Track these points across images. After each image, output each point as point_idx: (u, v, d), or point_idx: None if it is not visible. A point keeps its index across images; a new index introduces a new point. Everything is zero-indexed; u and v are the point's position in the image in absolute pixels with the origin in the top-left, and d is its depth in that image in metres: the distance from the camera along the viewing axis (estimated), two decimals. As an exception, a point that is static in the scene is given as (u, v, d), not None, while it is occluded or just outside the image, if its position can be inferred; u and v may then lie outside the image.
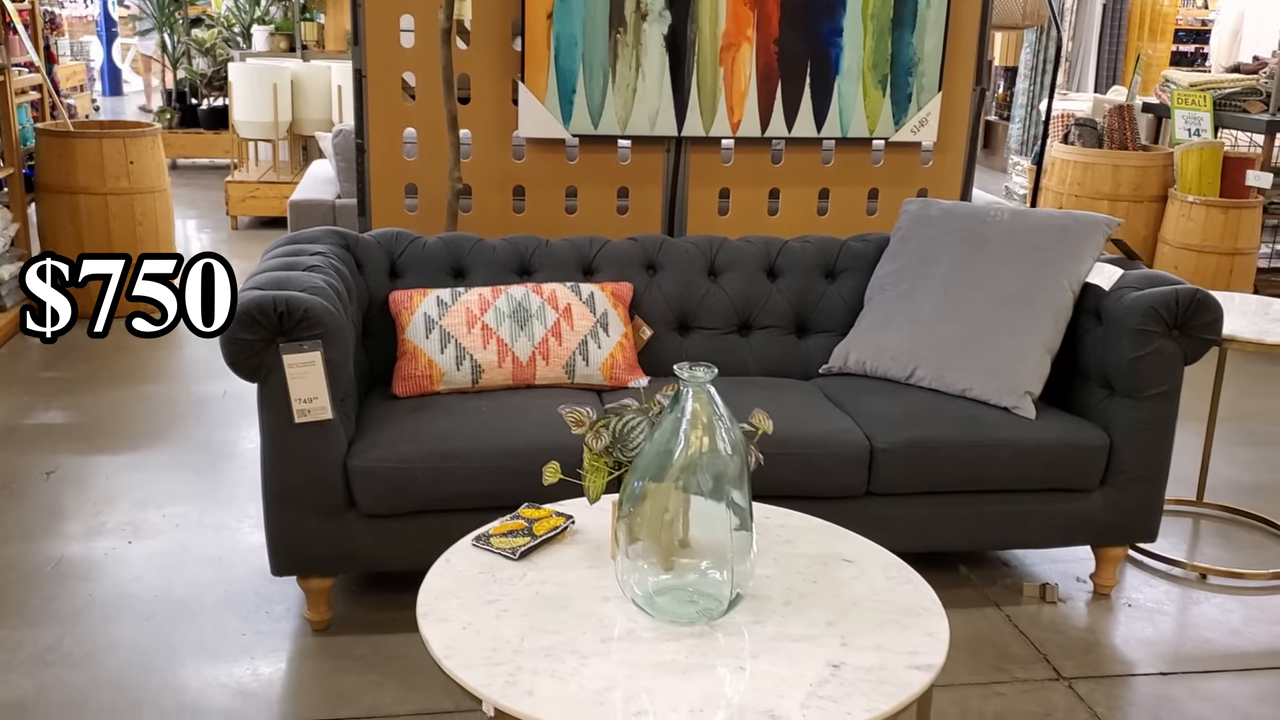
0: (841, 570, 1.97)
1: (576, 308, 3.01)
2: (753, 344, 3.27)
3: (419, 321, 2.94)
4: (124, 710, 2.37)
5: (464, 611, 1.79)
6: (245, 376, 2.51)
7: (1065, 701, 2.55)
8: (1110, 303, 2.90)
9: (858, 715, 1.57)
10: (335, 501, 2.57)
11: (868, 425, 2.82)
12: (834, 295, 3.32)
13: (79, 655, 2.57)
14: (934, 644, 1.75)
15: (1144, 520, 2.93)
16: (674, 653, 1.70)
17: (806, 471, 2.74)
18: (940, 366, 3.00)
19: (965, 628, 2.83)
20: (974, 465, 2.79)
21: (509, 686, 1.60)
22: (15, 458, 3.65)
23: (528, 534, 2.01)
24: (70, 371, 4.51)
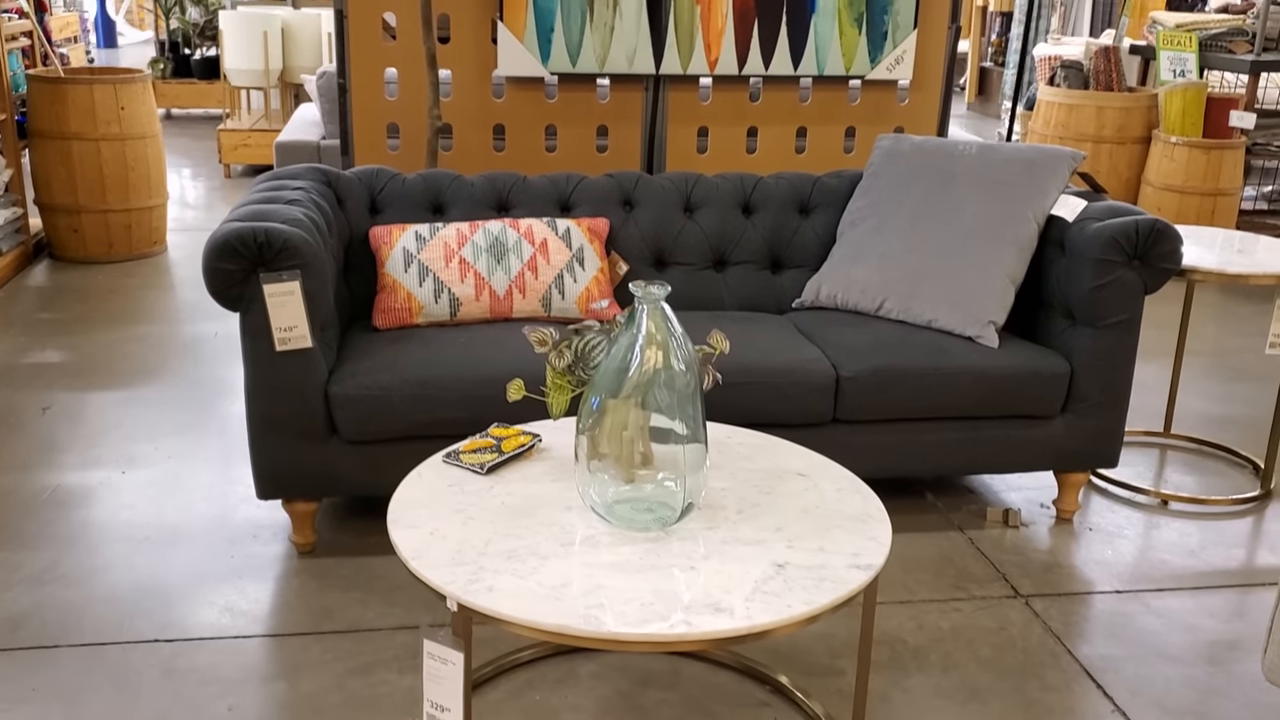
0: (794, 483, 2.06)
1: (553, 242, 3.08)
2: (728, 279, 3.35)
3: (398, 256, 3.01)
4: (116, 625, 2.48)
5: (432, 519, 1.88)
6: (228, 306, 2.59)
7: (1021, 617, 2.65)
8: (1073, 234, 2.97)
9: (797, 607, 1.66)
10: (317, 428, 2.66)
11: (835, 355, 2.91)
12: (808, 231, 3.39)
13: (73, 576, 2.68)
14: (875, 547, 1.84)
15: (1105, 446, 3.02)
16: (629, 555, 1.79)
17: (775, 400, 2.83)
18: (907, 298, 3.07)
19: (928, 550, 2.93)
20: (937, 393, 2.88)
21: (471, 584, 1.70)
22: (13, 395, 3.74)
23: (496, 451, 2.10)
24: (66, 313, 4.59)
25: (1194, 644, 2.56)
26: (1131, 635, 2.59)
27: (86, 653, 2.38)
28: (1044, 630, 2.60)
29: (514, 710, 2.25)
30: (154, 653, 2.39)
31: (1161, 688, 2.40)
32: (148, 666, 2.34)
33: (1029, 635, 2.57)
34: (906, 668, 2.44)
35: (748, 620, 1.63)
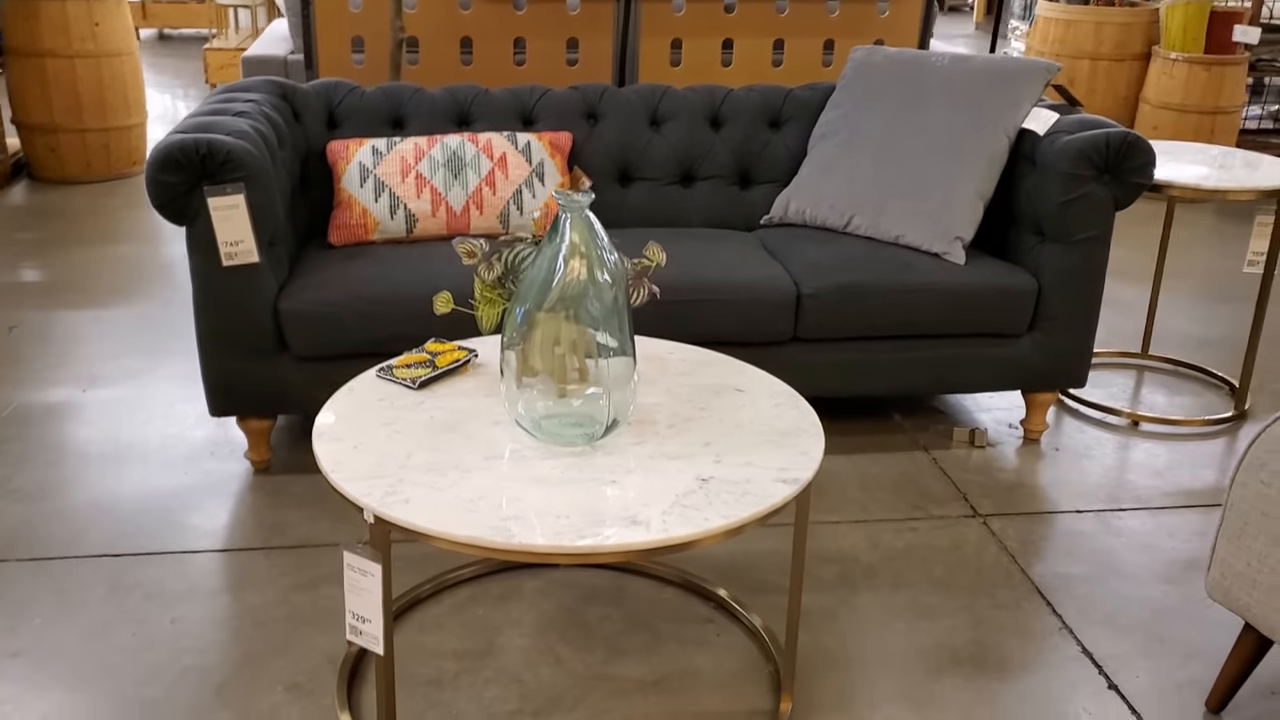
0: (731, 399, 2.02)
1: (512, 157, 3.02)
2: (695, 195, 3.28)
3: (354, 171, 2.96)
4: (68, 540, 2.48)
5: (358, 433, 1.86)
6: (173, 220, 2.55)
7: (976, 536, 2.63)
8: (1044, 147, 2.89)
9: (714, 521, 1.63)
10: (267, 344, 2.63)
11: (797, 272, 2.85)
12: (779, 145, 3.31)
13: (27, 491, 2.67)
14: (805, 461, 1.81)
15: (1072, 366, 2.97)
16: (552, 469, 1.76)
17: (733, 318, 2.78)
18: (875, 214, 3.01)
19: (890, 470, 2.90)
20: (901, 310, 2.83)
21: (388, 496, 1.67)
22: (-21, 313, 3.72)
23: (430, 366, 2.07)
24: (41, 233, 4.56)
25: (1150, 563, 2.54)
26: (1087, 555, 2.56)
27: (33, 567, 2.38)
28: (999, 549, 2.57)
29: (455, 624, 2.24)
30: (100, 567, 2.39)
31: (1112, 606, 2.38)
32: (94, 581, 2.34)
33: (983, 554, 2.55)
34: (856, 586, 2.42)
35: (664, 533, 1.60)
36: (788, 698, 2.03)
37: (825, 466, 2.90)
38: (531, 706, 2.03)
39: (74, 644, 2.15)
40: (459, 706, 2.02)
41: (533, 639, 2.21)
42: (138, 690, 2.03)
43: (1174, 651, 2.24)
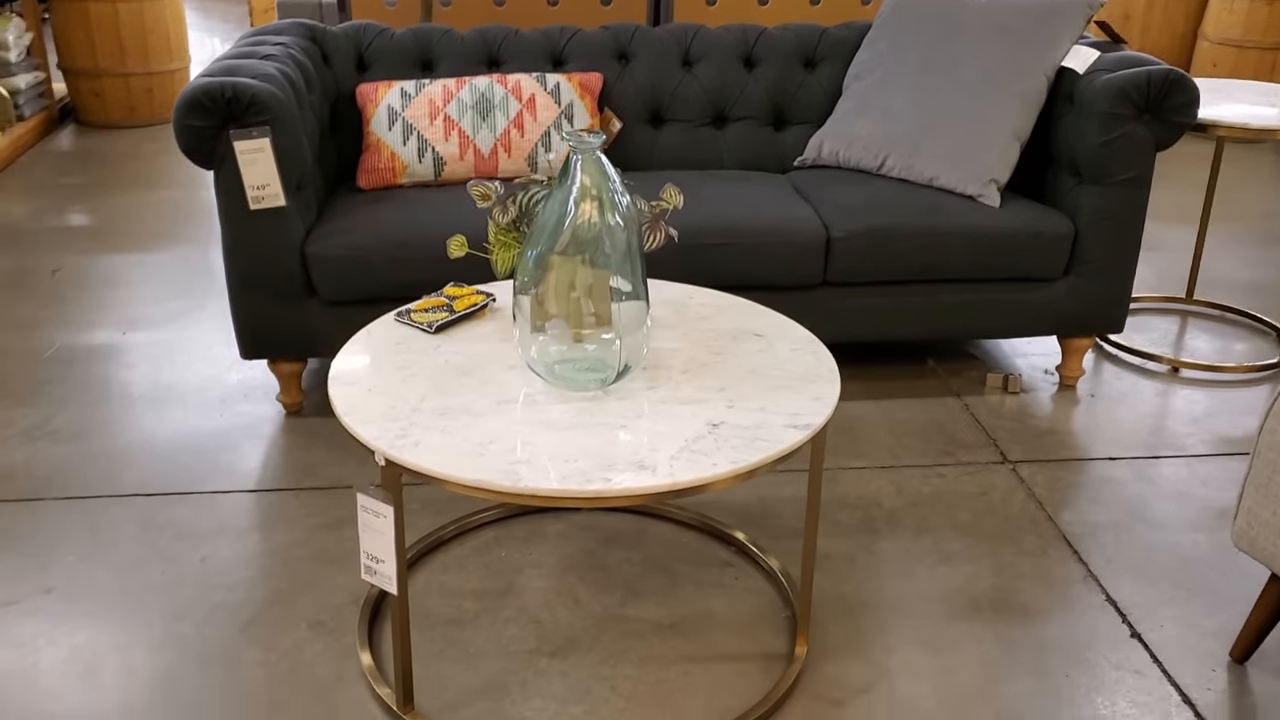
0: (749, 344, 2.01)
1: (541, 99, 3.00)
2: (727, 136, 3.24)
3: (382, 114, 2.95)
4: (103, 480, 2.53)
5: (373, 376, 1.87)
6: (201, 163, 2.56)
7: (1005, 483, 2.60)
8: (1083, 86, 2.81)
9: (723, 466, 1.63)
10: (295, 288, 2.65)
11: (827, 214, 2.81)
12: (813, 85, 3.25)
13: (66, 432, 2.73)
14: (819, 407, 1.79)
15: (1110, 311, 2.91)
16: (563, 414, 1.77)
17: (762, 261, 2.75)
18: (909, 155, 2.95)
19: (920, 416, 2.87)
20: (932, 254, 2.78)
21: (399, 439, 1.69)
22: (25, 257, 3.79)
23: (447, 310, 2.07)
24: (86, 177, 4.62)
25: (1182, 512, 2.50)
26: (1117, 502, 2.53)
27: (68, 505, 2.44)
28: (1027, 496, 2.55)
29: (477, 565, 2.27)
30: (134, 506, 2.44)
31: (1140, 554, 2.35)
32: (127, 520, 2.40)
33: (1010, 501, 2.53)
34: (879, 531, 2.41)
35: (670, 478, 1.60)
36: (803, 641, 2.04)
37: (854, 412, 2.88)
38: (549, 646, 2.05)
39: (105, 581, 2.20)
40: (477, 645, 2.05)
41: (552, 580, 2.23)
42: (166, 626, 2.08)
43: (1200, 601, 2.21)
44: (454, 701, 1.92)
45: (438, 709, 1.90)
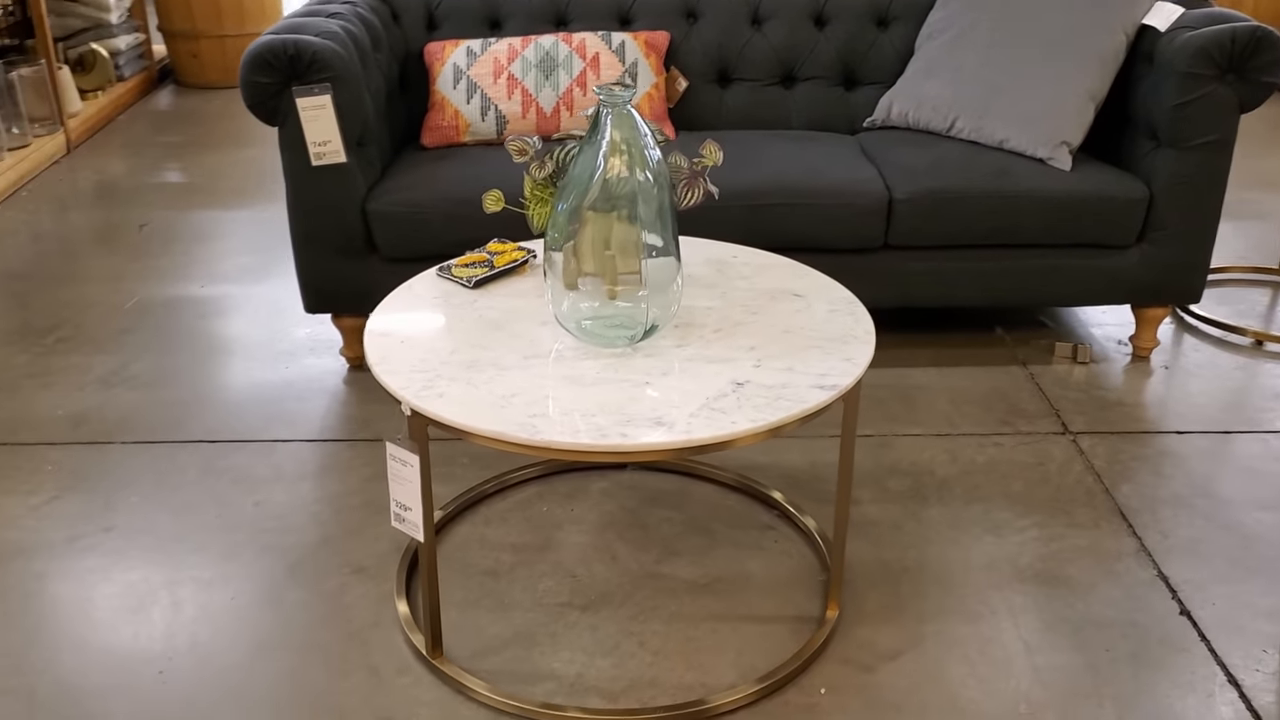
0: (787, 304, 1.99)
1: (605, 57, 2.99)
2: (796, 96, 3.19)
3: (448, 72, 2.98)
4: (170, 426, 2.62)
5: (407, 329, 1.90)
6: (265, 120, 2.62)
7: (1063, 454, 2.53)
8: (1163, 45, 2.70)
9: (742, 424, 1.62)
10: (356, 244, 2.70)
11: (890, 176, 2.76)
12: (885, 44, 3.18)
13: (140, 379, 2.83)
14: (848, 368, 1.77)
15: (1186, 280, 2.80)
16: (589, 369, 1.77)
17: (822, 223, 2.71)
18: (979, 117, 2.87)
19: (982, 384, 2.81)
20: (999, 217, 2.71)
21: (425, 390, 1.71)
22: (117, 212, 3.92)
23: (488, 265, 2.09)
24: (181, 135, 4.76)
25: (1249, 490, 2.40)
26: (1181, 477, 2.44)
27: (136, 449, 2.54)
28: (1085, 468, 2.48)
29: (518, 519, 2.29)
30: (197, 452, 2.53)
31: (1198, 531, 2.27)
32: (189, 465, 2.48)
33: (1067, 472, 2.46)
34: (927, 499, 2.37)
35: (686, 435, 1.59)
36: (834, 604, 2.02)
37: (915, 380, 2.83)
38: (581, 600, 2.07)
39: (163, 522, 2.29)
40: (512, 596, 2.08)
41: (591, 536, 2.24)
42: (216, 566, 2.16)
43: (1258, 581, 2.13)
44: (484, 649, 1.95)
45: (467, 656, 1.93)
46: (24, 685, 1.87)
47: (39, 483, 2.41)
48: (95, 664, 1.91)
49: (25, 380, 2.82)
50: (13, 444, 2.55)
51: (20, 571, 2.14)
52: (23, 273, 3.43)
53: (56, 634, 1.98)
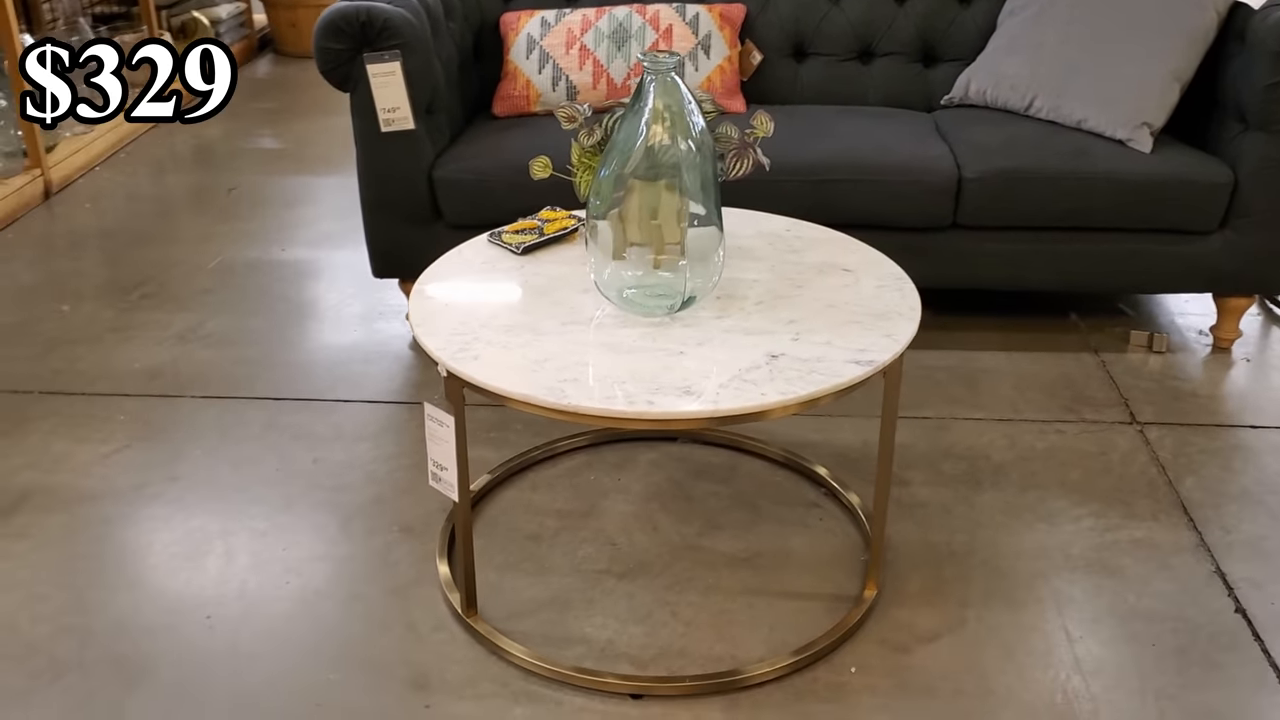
0: (835, 278, 1.96)
1: (678, 29, 2.98)
2: (873, 72, 3.14)
3: (522, 42, 3.00)
4: (239, 383, 2.70)
5: (452, 292, 1.92)
6: (337, 85, 2.67)
7: (1128, 444, 2.46)
8: (1256, 22, 2.59)
9: (771, 396, 1.61)
10: (423, 211, 2.74)
11: (962, 154, 2.70)
12: (967, 21, 3.11)
13: (216, 337, 2.92)
14: (888, 344, 1.74)
15: (1271, 269, 2.69)
16: (625, 337, 1.77)
17: (888, 200, 2.67)
18: (1058, 95, 2.79)
19: (1051, 370, 2.74)
20: (1072, 200, 2.63)
21: (461, 352, 1.73)
22: (210, 175, 4.04)
23: (537, 232, 2.10)
24: (276, 102, 4.88)
25: (1323, 488, 2.31)
26: (1249, 473, 2.36)
27: (206, 404, 2.62)
28: (1149, 459, 2.40)
29: (565, 485, 2.31)
30: (263, 409, 2.60)
31: (1263, 529, 2.18)
32: (254, 420, 2.55)
33: (1130, 463, 2.39)
34: (981, 483, 2.32)
35: (713, 405, 1.59)
36: (873, 584, 2.00)
37: (981, 362, 2.77)
38: (619, 568, 2.08)
39: (224, 474, 2.36)
40: (551, 560, 2.10)
41: (635, 506, 2.25)
42: (271, 518, 2.22)
43: (1323, 582, 2.04)
44: (518, 611, 1.98)
45: (502, 616, 1.96)
46: (82, 623, 1.95)
47: (111, 432, 2.51)
48: (149, 605, 1.99)
49: (108, 334, 2.93)
50: (90, 394, 2.65)
51: (88, 516, 2.23)
52: (115, 231, 3.56)
53: (116, 576, 2.07)
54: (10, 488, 2.32)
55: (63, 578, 2.06)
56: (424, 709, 1.78)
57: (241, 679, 1.83)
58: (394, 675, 1.84)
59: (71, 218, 3.67)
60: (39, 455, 2.42)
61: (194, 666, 1.86)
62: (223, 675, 1.84)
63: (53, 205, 3.76)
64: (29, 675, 1.84)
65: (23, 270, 3.29)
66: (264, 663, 1.87)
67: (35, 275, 3.26)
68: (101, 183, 3.97)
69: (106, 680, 1.83)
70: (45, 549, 2.14)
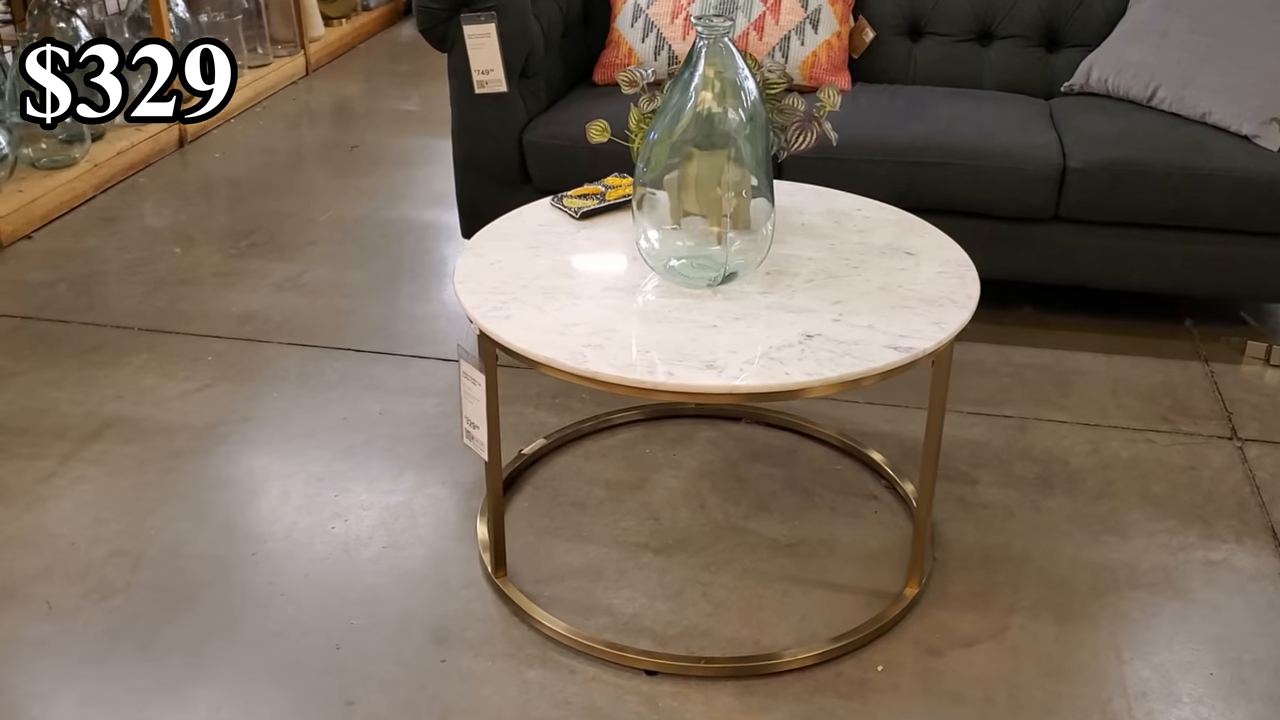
0: (894, 260, 1.88)
1: (787, 2, 2.90)
2: (992, 55, 3.00)
3: (628, 10, 2.97)
4: (325, 331, 2.77)
5: (503, 252, 1.92)
6: (435, 45, 2.70)
7: (1223, 460, 2.30)
8: (1407, 14, 2.37)
9: (795, 377, 1.55)
10: (512, 173, 2.75)
11: (1070, 143, 2.56)
12: (1096, 4, 2.94)
13: (311, 287, 3.00)
14: (933, 331, 1.66)
15: None
16: (663, 307, 1.74)
17: (983, 187, 2.55)
18: (1182, 86, 2.62)
19: (1151, 376, 2.58)
20: (1184, 196, 2.47)
21: (494, 311, 1.73)
22: (337, 131, 4.15)
23: (599, 199, 2.08)
24: (413, 65, 4.97)
25: None
26: (1355, 501, 2.18)
27: (290, 350, 2.69)
28: (1244, 478, 2.24)
29: (619, 457, 2.30)
30: (341, 359, 2.66)
31: (1359, 562, 2.02)
32: (332, 370, 2.61)
33: (1222, 481, 2.24)
34: (1053, 488, 2.21)
35: (733, 380, 1.54)
36: (915, 582, 1.92)
37: (1077, 363, 2.63)
38: (658, 543, 2.05)
39: (296, 419, 2.42)
40: (592, 530, 2.09)
41: (686, 483, 2.22)
42: (330, 464, 2.27)
43: None
44: (550, 576, 1.97)
45: (532, 579, 1.96)
46: (136, 548, 2.04)
47: (197, 370, 2.60)
48: (200, 537, 2.06)
49: (212, 278, 3.04)
50: (184, 334, 2.76)
51: (160, 448, 2.32)
52: (239, 181, 3.69)
53: (175, 507, 2.14)
54: (97, 415, 2.43)
55: (126, 504, 2.15)
56: (439, 663, 1.80)
57: (271, 615, 1.88)
58: (418, 627, 1.86)
59: (201, 166, 3.82)
60: (128, 388, 2.53)
61: (232, 599, 1.92)
62: (255, 610, 1.89)
63: (186, 153, 3.93)
64: (79, 594, 1.93)
65: (150, 213, 3.45)
66: (295, 602, 1.91)
67: (159, 218, 3.41)
68: (235, 134, 4.12)
69: (149, 606, 1.90)
70: (116, 475, 2.23)
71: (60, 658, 1.80)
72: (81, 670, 1.77)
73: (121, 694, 1.73)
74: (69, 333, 2.76)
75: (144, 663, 1.79)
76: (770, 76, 1.92)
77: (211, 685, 1.75)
